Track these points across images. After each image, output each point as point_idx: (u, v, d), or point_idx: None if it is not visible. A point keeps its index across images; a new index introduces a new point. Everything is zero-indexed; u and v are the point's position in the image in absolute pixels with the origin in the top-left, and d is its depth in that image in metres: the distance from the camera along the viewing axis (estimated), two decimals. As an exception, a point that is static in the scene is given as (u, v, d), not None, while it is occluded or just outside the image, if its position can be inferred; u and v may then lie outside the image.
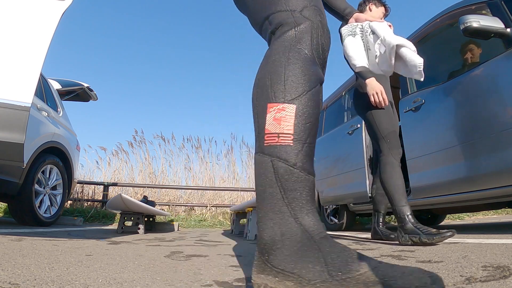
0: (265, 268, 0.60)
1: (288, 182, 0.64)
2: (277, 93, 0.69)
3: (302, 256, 0.58)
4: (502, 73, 1.98)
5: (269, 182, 0.65)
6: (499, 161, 1.95)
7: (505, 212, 6.87)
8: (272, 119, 0.67)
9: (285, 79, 0.69)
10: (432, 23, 2.72)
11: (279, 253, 0.59)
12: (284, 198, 0.63)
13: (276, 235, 0.61)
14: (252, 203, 2.67)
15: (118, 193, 3.11)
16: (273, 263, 0.59)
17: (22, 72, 2.11)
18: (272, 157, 0.66)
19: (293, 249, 0.59)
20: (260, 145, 0.68)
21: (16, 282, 0.76)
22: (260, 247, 0.62)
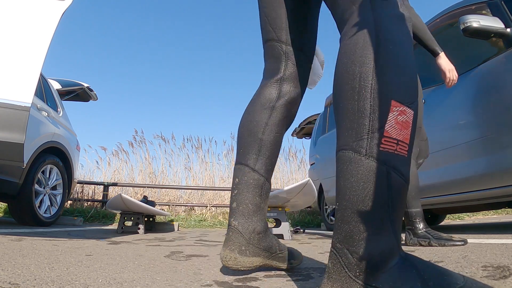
0: (353, 286, 0.55)
1: (397, 198, 0.57)
2: (401, 90, 0.57)
3: (400, 276, 0.54)
4: (502, 73, 1.98)
5: (378, 194, 0.56)
6: (499, 161, 1.95)
7: (505, 212, 6.87)
8: (394, 121, 0.56)
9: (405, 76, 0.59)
10: (432, 23, 2.72)
11: (377, 273, 0.54)
12: (390, 215, 0.56)
13: (376, 253, 0.55)
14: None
15: (118, 193, 3.11)
16: (368, 282, 0.54)
17: (22, 72, 2.11)
18: (388, 166, 0.56)
19: (391, 269, 0.55)
20: (370, 147, 0.56)
21: (16, 282, 0.76)
22: (352, 263, 0.56)
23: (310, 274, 0.93)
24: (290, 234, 2.61)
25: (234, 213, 0.90)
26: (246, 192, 0.92)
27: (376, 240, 0.55)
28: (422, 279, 0.53)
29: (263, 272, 0.96)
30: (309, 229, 4.65)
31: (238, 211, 0.90)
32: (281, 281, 0.84)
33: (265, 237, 0.91)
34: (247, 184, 0.93)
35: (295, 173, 8.11)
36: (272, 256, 0.92)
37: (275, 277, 0.89)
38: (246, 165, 0.94)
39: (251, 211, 0.90)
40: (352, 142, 0.58)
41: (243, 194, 0.92)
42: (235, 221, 0.89)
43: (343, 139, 0.60)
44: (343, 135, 0.61)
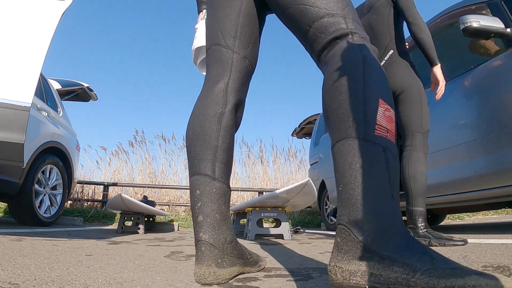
0: (364, 255, 0.59)
1: (395, 175, 0.65)
2: (384, 94, 0.72)
3: (407, 248, 0.59)
4: (502, 72, 1.98)
5: (380, 169, 0.65)
6: (499, 161, 1.95)
7: (505, 212, 6.87)
8: (383, 114, 0.69)
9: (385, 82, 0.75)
10: (432, 23, 2.72)
11: (387, 242, 0.59)
12: (392, 188, 0.64)
13: (385, 226, 0.61)
14: (252, 203, 2.67)
15: (118, 193, 3.11)
16: (379, 251, 0.59)
17: (22, 72, 2.11)
18: (384, 147, 0.66)
19: (399, 240, 0.60)
20: (367, 132, 0.66)
21: (16, 282, 0.76)
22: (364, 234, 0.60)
23: (310, 274, 0.93)
24: (290, 234, 2.61)
25: (202, 227, 0.86)
26: (211, 203, 0.88)
27: (384, 212, 0.62)
28: (428, 254, 0.57)
29: (263, 272, 0.96)
30: (309, 229, 4.65)
31: (206, 224, 0.86)
32: (281, 281, 0.84)
33: (236, 245, 0.90)
34: (210, 194, 0.89)
35: (295, 173, 8.12)
36: (245, 262, 0.92)
37: (275, 277, 0.89)
38: (205, 174, 0.91)
39: (219, 222, 0.87)
40: (350, 131, 0.68)
41: (208, 205, 0.88)
42: (205, 234, 0.85)
43: (340, 132, 0.70)
44: (339, 130, 0.70)
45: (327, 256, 1.33)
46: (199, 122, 0.97)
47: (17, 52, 2.12)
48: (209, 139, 0.93)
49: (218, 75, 1.01)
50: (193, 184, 0.91)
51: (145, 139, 7.86)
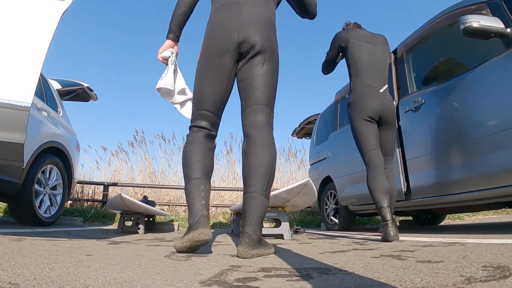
0: (256, 246, 1.35)
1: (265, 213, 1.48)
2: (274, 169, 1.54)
3: (264, 243, 1.43)
4: (502, 73, 1.98)
5: (264, 210, 1.45)
6: (499, 161, 1.95)
7: (505, 212, 6.87)
8: (271, 187, 1.51)
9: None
10: (432, 23, 2.72)
11: (260, 241, 1.40)
12: (262, 220, 1.46)
13: (260, 234, 1.42)
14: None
15: (118, 193, 3.11)
16: (259, 244, 1.38)
17: (22, 72, 2.10)
18: (267, 199, 1.47)
19: (262, 240, 1.43)
20: (266, 194, 1.45)
21: (16, 282, 0.76)
22: (255, 236, 1.37)
23: (310, 274, 0.93)
24: (290, 234, 2.61)
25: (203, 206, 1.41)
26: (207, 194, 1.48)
27: (261, 229, 1.44)
28: (267, 243, 1.45)
29: (263, 272, 0.96)
30: (309, 229, 4.65)
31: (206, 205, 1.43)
32: (281, 281, 0.84)
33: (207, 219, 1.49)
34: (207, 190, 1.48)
35: (295, 173, 8.12)
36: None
37: (275, 277, 0.89)
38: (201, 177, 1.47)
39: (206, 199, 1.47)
40: (261, 191, 1.42)
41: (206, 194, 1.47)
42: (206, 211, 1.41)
43: (256, 188, 1.42)
44: (256, 186, 1.42)
45: (327, 256, 1.33)
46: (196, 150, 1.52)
47: (17, 52, 2.12)
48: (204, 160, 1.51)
49: (205, 128, 1.57)
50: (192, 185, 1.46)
51: (145, 139, 7.87)
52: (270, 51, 1.55)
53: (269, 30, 1.57)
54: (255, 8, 1.56)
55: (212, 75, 1.55)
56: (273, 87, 1.57)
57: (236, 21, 1.51)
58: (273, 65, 1.57)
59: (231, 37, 1.50)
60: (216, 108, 1.57)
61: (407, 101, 2.82)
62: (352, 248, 1.63)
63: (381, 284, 0.77)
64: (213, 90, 1.55)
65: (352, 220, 4.01)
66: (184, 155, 1.51)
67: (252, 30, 1.50)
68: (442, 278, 0.79)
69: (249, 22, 1.51)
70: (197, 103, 1.58)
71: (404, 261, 1.10)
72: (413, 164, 2.70)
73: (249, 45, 1.51)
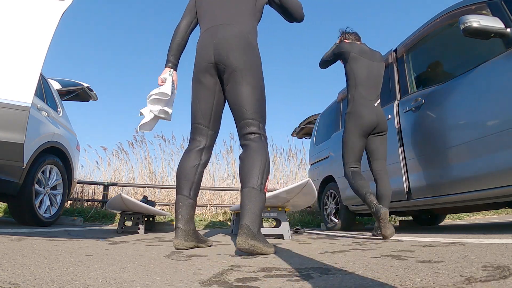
0: (254, 238, 1.40)
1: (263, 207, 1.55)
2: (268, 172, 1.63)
3: (263, 237, 1.49)
4: (502, 73, 1.98)
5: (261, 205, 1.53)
6: (499, 161, 1.95)
7: (505, 212, 6.87)
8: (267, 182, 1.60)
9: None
10: (432, 23, 2.72)
11: (259, 234, 1.47)
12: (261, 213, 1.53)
13: (258, 227, 1.48)
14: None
15: (118, 193, 3.11)
16: (257, 236, 1.43)
17: (22, 72, 2.10)
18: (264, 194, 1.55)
19: (260, 233, 1.49)
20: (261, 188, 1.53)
21: (16, 282, 0.76)
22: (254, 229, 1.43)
23: (310, 274, 0.93)
24: (290, 234, 2.61)
25: (179, 220, 1.64)
26: (185, 210, 1.67)
27: (259, 223, 1.49)
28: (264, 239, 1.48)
29: (263, 272, 0.96)
30: (309, 229, 4.65)
31: (182, 219, 1.64)
32: (281, 281, 0.84)
33: (195, 231, 1.71)
34: (186, 205, 1.68)
35: (295, 173, 8.12)
36: (200, 241, 1.73)
37: (275, 277, 0.89)
38: (184, 195, 1.70)
39: (188, 219, 1.66)
40: (256, 185, 1.51)
41: (184, 211, 1.67)
42: (181, 224, 1.62)
43: (251, 182, 1.52)
44: (251, 181, 1.52)
45: (327, 256, 1.33)
46: (185, 167, 1.74)
47: (17, 52, 2.12)
48: (190, 177, 1.73)
49: (199, 142, 1.79)
50: (178, 199, 1.70)
51: (145, 139, 7.87)
52: (247, 68, 1.66)
53: (244, 48, 1.68)
54: (231, 29, 1.69)
55: (199, 92, 1.78)
56: (257, 101, 1.67)
57: (212, 44, 1.70)
58: (252, 81, 1.67)
59: (209, 58, 1.70)
60: (206, 120, 1.78)
61: (407, 101, 2.82)
62: (352, 248, 1.63)
63: (381, 284, 0.77)
64: (201, 105, 1.78)
65: (352, 220, 4.01)
66: (177, 169, 1.78)
67: (225, 51, 1.66)
68: (442, 278, 0.79)
69: (222, 44, 1.67)
70: (192, 116, 1.82)
71: (404, 261, 1.10)
72: (413, 164, 2.70)
73: (224, 65, 1.68)
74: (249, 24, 1.76)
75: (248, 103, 1.65)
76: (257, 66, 1.71)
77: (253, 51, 1.72)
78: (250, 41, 1.72)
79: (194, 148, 1.78)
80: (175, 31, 1.92)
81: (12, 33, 2.13)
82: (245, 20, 1.75)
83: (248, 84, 1.65)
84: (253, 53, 1.72)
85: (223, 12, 1.75)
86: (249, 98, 1.65)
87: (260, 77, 1.72)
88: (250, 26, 1.76)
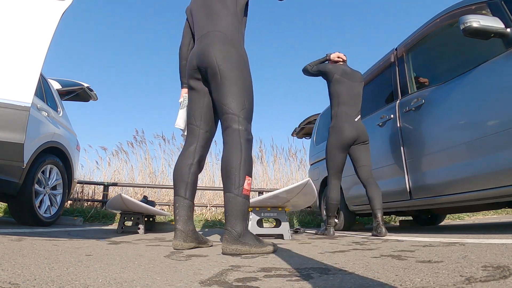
0: (236, 242, 1.45)
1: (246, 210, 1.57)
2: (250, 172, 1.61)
3: (247, 236, 1.50)
4: (502, 73, 1.98)
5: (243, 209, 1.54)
6: (499, 161, 1.94)
7: (505, 212, 6.87)
8: (247, 184, 1.57)
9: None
10: (432, 23, 2.72)
11: (243, 237, 1.49)
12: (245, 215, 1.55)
13: (242, 229, 1.51)
14: (252, 203, 2.67)
15: (118, 193, 3.11)
16: (241, 239, 1.47)
17: (22, 72, 2.10)
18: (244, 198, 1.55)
19: (246, 236, 1.50)
20: (239, 192, 1.53)
21: (16, 282, 0.76)
22: (236, 232, 1.48)
23: (310, 274, 0.93)
24: (290, 234, 2.61)
25: (178, 221, 1.67)
26: (183, 210, 1.70)
27: (242, 225, 1.51)
28: (257, 239, 1.52)
29: (263, 272, 0.96)
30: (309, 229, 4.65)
31: (180, 220, 1.68)
32: (281, 281, 0.84)
33: (195, 232, 1.72)
34: (183, 206, 1.72)
35: (295, 173, 8.11)
36: (200, 242, 1.74)
37: (275, 277, 0.89)
38: (181, 196, 1.73)
39: (186, 220, 1.69)
40: (233, 189, 1.53)
41: (182, 211, 1.70)
42: (179, 225, 1.66)
43: (228, 188, 1.54)
44: (227, 186, 1.55)
45: (327, 256, 1.33)
46: (179, 167, 1.80)
47: (17, 52, 2.12)
48: (184, 177, 1.77)
49: (191, 142, 1.86)
50: (175, 200, 1.75)
51: (145, 139, 7.87)
52: (225, 64, 1.69)
53: (220, 48, 1.72)
54: (211, 35, 1.77)
55: (191, 96, 1.90)
56: (235, 95, 1.67)
57: (196, 52, 1.81)
58: (232, 76, 1.69)
59: (193, 64, 1.82)
60: (197, 120, 1.86)
61: (407, 101, 2.82)
62: (352, 248, 1.63)
63: (381, 284, 0.77)
64: (193, 107, 1.88)
65: (352, 220, 4.01)
66: (173, 171, 1.83)
67: (203, 56, 1.74)
68: (442, 278, 0.79)
69: (203, 49, 1.76)
70: (187, 117, 1.93)
71: (404, 261, 1.10)
72: (413, 164, 2.70)
73: (204, 68, 1.76)
74: (230, 27, 1.81)
75: (227, 97, 1.67)
76: (236, 61, 1.73)
77: (232, 48, 1.75)
78: (228, 40, 1.76)
79: (188, 148, 1.85)
80: (179, 54, 2.07)
81: (12, 33, 2.13)
82: (226, 23, 1.81)
83: (227, 80, 1.68)
84: (232, 50, 1.74)
85: (206, 22, 1.84)
86: (228, 93, 1.67)
87: (240, 71, 1.73)
88: (230, 28, 1.81)
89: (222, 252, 1.44)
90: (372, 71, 3.67)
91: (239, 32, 1.85)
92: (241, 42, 1.85)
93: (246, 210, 1.56)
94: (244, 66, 1.77)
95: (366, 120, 3.42)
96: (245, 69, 1.77)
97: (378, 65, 3.55)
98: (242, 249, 1.42)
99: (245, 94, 1.71)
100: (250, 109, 1.73)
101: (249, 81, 1.77)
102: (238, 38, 1.83)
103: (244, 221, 1.53)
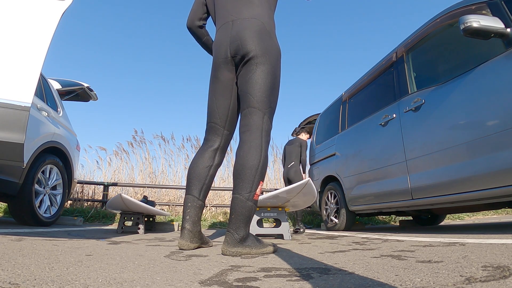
0: (237, 245, 1.43)
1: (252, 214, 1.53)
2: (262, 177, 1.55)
3: (250, 239, 1.49)
4: (502, 73, 1.98)
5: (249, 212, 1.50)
6: (499, 161, 1.94)
7: (505, 212, 6.88)
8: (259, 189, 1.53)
9: None
10: (432, 23, 2.72)
11: (245, 240, 1.47)
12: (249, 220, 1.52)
13: (245, 233, 1.48)
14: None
15: (118, 193, 3.11)
16: (243, 242, 1.45)
17: (22, 72, 2.11)
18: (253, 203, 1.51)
19: (247, 239, 1.49)
20: (250, 196, 1.48)
21: (16, 282, 0.76)
22: (239, 236, 1.46)
23: (310, 274, 0.93)
24: (290, 234, 2.61)
25: (187, 221, 1.62)
26: (194, 211, 1.64)
27: (245, 229, 1.48)
28: (258, 241, 1.52)
29: (263, 272, 0.96)
30: (309, 229, 4.65)
31: (190, 220, 1.62)
32: (281, 281, 0.84)
33: (200, 233, 1.68)
34: (195, 206, 1.65)
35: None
36: (203, 242, 1.71)
37: (275, 277, 0.89)
38: (194, 196, 1.67)
39: (196, 220, 1.64)
40: (244, 193, 1.48)
41: (193, 211, 1.64)
42: (188, 225, 1.61)
43: (240, 190, 1.48)
44: (239, 188, 1.49)
45: (327, 256, 1.33)
46: (197, 167, 1.71)
47: (17, 52, 2.12)
48: (202, 178, 1.69)
49: (214, 141, 1.76)
50: (187, 199, 1.67)
51: (144, 139, 7.87)
52: (261, 55, 1.59)
53: (259, 35, 1.62)
54: (245, 21, 1.65)
55: (216, 89, 1.72)
56: (266, 89, 1.58)
57: (227, 39, 1.66)
58: (266, 68, 1.60)
59: (225, 53, 1.66)
60: (222, 120, 1.73)
61: (407, 101, 2.82)
62: (352, 248, 1.63)
63: (381, 284, 0.77)
64: (218, 104, 1.72)
65: (352, 220, 4.01)
66: (189, 168, 1.74)
67: (240, 42, 1.62)
68: (442, 278, 0.79)
69: (238, 35, 1.63)
70: (207, 115, 1.77)
71: (404, 261, 1.10)
72: (413, 164, 2.70)
73: (240, 56, 1.63)
74: (264, 14, 1.69)
75: (257, 89, 1.56)
76: (273, 53, 1.63)
77: (270, 39, 1.65)
78: (266, 28, 1.66)
79: (208, 148, 1.74)
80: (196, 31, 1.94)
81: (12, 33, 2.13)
82: (262, 11, 1.69)
83: (261, 70, 1.57)
84: (270, 40, 1.65)
85: (237, 6, 1.69)
86: (258, 84, 1.56)
87: (275, 64, 1.63)
88: (266, 16, 1.69)
89: (222, 253, 1.43)
90: (373, 71, 3.68)
91: (273, 22, 1.74)
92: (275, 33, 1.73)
93: (252, 215, 1.51)
94: (279, 62, 1.67)
95: (368, 120, 3.43)
96: (279, 65, 1.68)
97: (379, 65, 3.56)
98: (242, 251, 1.41)
99: (274, 93, 1.63)
100: (274, 109, 1.65)
101: (279, 80, 1.68)
102: (273, 29, 1.72)
103: (248, 225, 1.49)
